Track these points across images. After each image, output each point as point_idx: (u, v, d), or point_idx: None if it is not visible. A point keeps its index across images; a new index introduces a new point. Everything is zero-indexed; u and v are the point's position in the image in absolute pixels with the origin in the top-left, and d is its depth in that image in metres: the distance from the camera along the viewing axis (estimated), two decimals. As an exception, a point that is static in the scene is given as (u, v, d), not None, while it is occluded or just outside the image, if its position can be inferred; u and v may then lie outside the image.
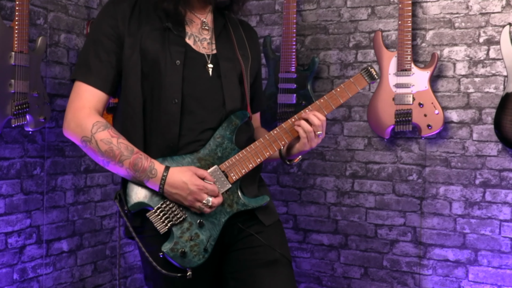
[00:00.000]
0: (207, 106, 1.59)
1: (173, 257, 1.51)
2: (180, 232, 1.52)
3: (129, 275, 3.32)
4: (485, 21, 2.89)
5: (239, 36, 1.74)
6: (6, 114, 2.39)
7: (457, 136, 2.96)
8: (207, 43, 1.66)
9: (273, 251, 1.66)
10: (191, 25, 1.66)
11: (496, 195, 2.87)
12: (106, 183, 3.15)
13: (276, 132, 1.61)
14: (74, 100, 1.57)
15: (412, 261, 3.07)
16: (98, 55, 1.57)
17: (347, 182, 3.24)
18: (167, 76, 1.56)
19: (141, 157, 1.51)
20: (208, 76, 1.61)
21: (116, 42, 1.58)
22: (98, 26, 1.61)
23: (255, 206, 1.61)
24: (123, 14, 1.59)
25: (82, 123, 1.53)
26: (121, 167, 1.51)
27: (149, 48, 1.57)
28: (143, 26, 1.60)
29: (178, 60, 1.57)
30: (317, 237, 3.32)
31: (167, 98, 1.56)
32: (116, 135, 1.53)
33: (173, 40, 1.60)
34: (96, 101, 1.57)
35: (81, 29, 2.95)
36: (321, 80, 3.29)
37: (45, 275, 2.80)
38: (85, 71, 1.58)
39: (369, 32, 3.18)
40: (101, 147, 1.51)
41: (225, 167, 1.57)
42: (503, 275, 2.85)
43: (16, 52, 2.39)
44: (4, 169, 2.59)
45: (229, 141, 1.59)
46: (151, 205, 1.53)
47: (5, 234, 2.60)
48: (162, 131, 1.56)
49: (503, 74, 2.85)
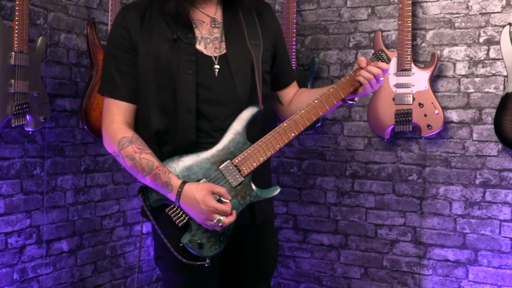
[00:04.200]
0: (221, 107, 1.64)
1: (192, 248, 1.61)
2: (197, 225, 1.61)
3: (129, 275, 3.32)
4: (485, 21, 2.89)
5: (251, 22, 1.73)
6: (6, 114, 2.38)
7: (457, 136, 2.96)
8: (218, 42, 1.68)
9: (267, 264, 1.84)
10: (201, 26, 1.68)
11: (496, 195, 2.87)
12: (106, 183, 3.15)
13: (285, 124, 1.64)
14: (105, 116, 1.69)
15: (412, 261, 3.07)
16: (119, 69, 1.66)
17: (347, 182, 3.24)
18: (181, 87, 1.62)
19: (159, 172, 1.59)
20: (219, 78, 1.65)
21: (132, 53, 1.65)
22: (112, 39, 1.70)
23: (267, 197, 1.67)
24: (134, 23, 1.66)
25: (111, 139, 1.65)
26: (145, 181, 1.62)
27: (162, 59, 1.63)
28: (154, 35, 1.65)
29: (190, 70, 1.62)
30: (317, 237, 3.32)
31: (182, 108, 1.62)
32: (139, 149, 1.62)
33: (184, 50, 1.64)
34: (123, 113, 1.67)
35: (81, 29, 2.95)
36: (321, 80, 3.29)
37: (45, 275, 2.80)
38: (110, 85, 1.68)
39: (369, 32, 3.18)
40: (127, 162, 1.63)
41: (237, 162, 1.63)
42: (503, 275, 2.85)
43: (16, 52, 2.39)
44: (4, 169, 2.59)
45: (241, 136, 1.64)
46: (170, 201, 1.62)
47: (5, 234, 2.60)
48: (179, 139, 1.64)
49: (503, 74, 2.85)
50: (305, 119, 1.65)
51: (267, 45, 1.75)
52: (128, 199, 3.29)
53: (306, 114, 1.65)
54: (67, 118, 2.89)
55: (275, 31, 1.81)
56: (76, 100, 2.92)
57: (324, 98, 1.66)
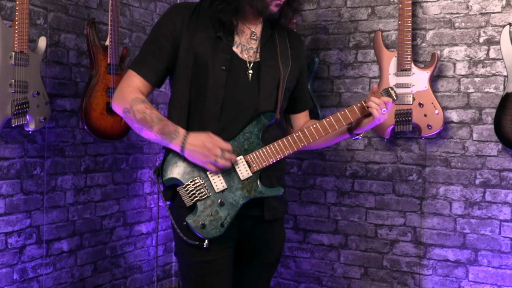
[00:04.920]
0: (244, 107, 1.81)
1: (194, 228, 1.76)
2: (203, 207, 1.77)
3: (129, 275, 3.32)
4: (485, 21, 2.89)
5: (284, 45, 1.93)
6: (6, 114, 2.38)
7: (457, 136, 2.96)
8: (253, 52, 1.87)
9: (273, 256, 1.97)
10: (241, 35, 1.87)
11: (496, 195, 2.87)
12: (106, 183, 3.15)
13: (298, 134, 1.81)
14: (123, 81, 1.87)
15: (412, 261, 3.07)
16: (152, 52, 1.84)
17: (347, 182, 3.24)
18: (213, 80, 1.80)
19: (168, 123, 1.78)
20: (248, 81, 1.83)
21: (171, 43, 1.82)
22: (158, 27, 1.86)
23: (270, 195, 1.81)
24: (182, 19, 1.83)
25: (125, 97, 1.82)
26: (151, 132, 1.78)
27: (201, 54, 1.80)
28: (198, 32, 1.83)
29: (224, 66, 1.80)
30: (317, 237, 3.32)
31: (210, 99, 1.80)
32: (150, 107, 1.80)
33: (222, 48, 1.82)
34: (141, 86, 1.84)
35: (81, 29, 2.95)
36: (321, 80, 3.29)
37: (45, 275, 2.80)
38: (139, 63, 1.86)
39: (369, 32, 3.18)
40: (137, 116, 1.78)
41: (249, 158, 1.79)
42: (503, 275, 2.85)
43: (16, 52, 2.39)
44: (4, 169, 2.59)
45: (255, 137, 1.81)
46: (181, 181, 1.78)
47: (5, 234, 2.60)
48: (202, 126, 1.79)
49: (503, 74, 2.85)
50: (315, 133, 1.81)
51: (295, 69, 1.94)
52: (128, 199, 3.29)
53: (317, 129, 1.81)
54: (67, 118, 2.89)
55: (303, 61, 2.02)
56: (76, 100, 2.92)
57: (335, 119, 1.82)
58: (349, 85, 3.24)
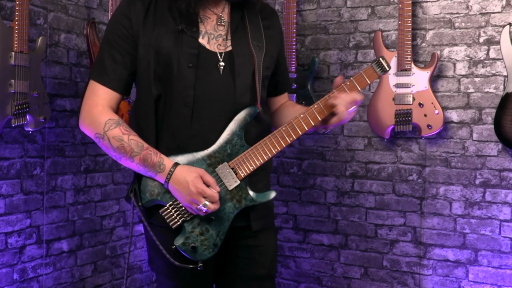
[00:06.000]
0: (219, 106, 1.61)
1: (185, 251, 1.58)
2: (191, 227, 1.58)
3: (129, 275, 3.32)
4: (485, 21, 2.89)
5: (255, 25, 1.71)
6: (6, 114, 2.38)
7: (457, 136, 2.96)
8: (222, 39, 1.66)
9: (263, 267, 1.73)
10: (206, 22, 1.66)
11: (496, 195, 2.87)
12: (106, 183, 3.15)
13: (284, 128, 1.62)
14: (89, 98, 1.64)
15: (412, 261, 3.07)
16: (112, 56, 1.63)
17: (347, 182, 3.24)
18: (179, 80, 1.59)
19: (150, 153, 1.57)
20: (219, 76, 1.62)
21: (130, 43, 1.62)
22: (112, 26, 1.66)
23: (262, 201, 1.63)
24: (137, 13, 1.63)
25: (95, 120, 1.60)
26: (132, 162, 1.58)
27: (162, 51, 1.60)
28: (157, 27, 1.62)
29: (191, 63, 1.60)
30: (317, 237, 3.32)
31: (179, 101, 1.59)
32: (127, 131, 1.59)
33: (186, 42, 1.61)
34: (109, 99, 1.63)
35: (81, 29, 2.95)
36: (321, 80, 3.29)
37: (45, 275, 2.80)
38: (101, 71, 1.64)
39: (369, 32, 3.18)
40: (113, 143, 1.58)
41: (234, 164, 1.60)
42: (503, 275, 2.85)
43: (16, 52, 2.39)
44: (4, 169, 2.59)
45: (238, 138, 1.61)
46: (164, 202, 1.59)
47: (5, 234, 2.60)
48: (173, 132, 1.61)
49: (503, 74, 2.85)
50: (304, 123, 1.62)
51: (272, 51, 1.73)
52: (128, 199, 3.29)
53: (305, 119, 1.62)
54: (67, 118, 2.89)
55: (280, 40, 1.81)
56: (76, 100, 2.92)
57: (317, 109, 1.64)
58: (349, 85, 3.23)
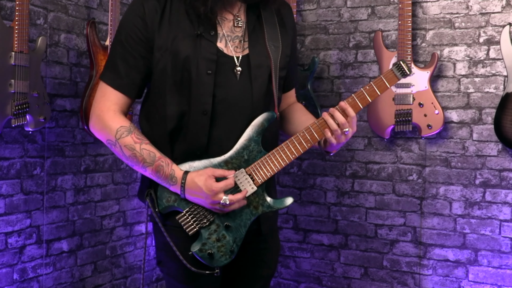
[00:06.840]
0: (236, 112, 1.58)
1: (201, 257, 1.56)
2: (208, 234, 1.57)
3: (129, 275, 3.32)
4: (485, 21, 2.89)
5: (272, 25, 1.66)
6: (6, 114, 2.38)
7: (457, 136, 2.96)
8: (239, 41, 1.62)
9: (269, 268, 1.77)
10: (223, 24, 1.61)
11: (496, 195, 2.87)
12: (106, 183, 3.15)
13: (302, 134, 1.59)
14: (100, 101, 1.60)
15: (412, 261, 3.07)
16: (125, 59, 1.57)
17: (347, 182, 3.24)
18: (198, 87, 1.55)
19: (162, 164, 1.53)
20: (236, 81, 1.58)
21: (144, 46, 1.56)
22: (125, 27, 1.59)
23: (280, 208, 1.64)
24: (152, 14, 1.56)
25: (107, 126, 1.56)
26: (145, 171, 1.56)
27: (180, 55, 1.54)
28: (174, 29, 1.56)
29: (210, 70, 1.55)
30: (317, 237, 3.32)
31: (197, 109, 1.55)
32: (139, 140, 1.55)
33: (205, 47, 1.56)
34: (121, 104, 1.60)
35: (81, 29, 2.94)
36: (321, 80, 3.29)
37: (45, 275, 2.80)
38: (113, 74, 1.59)
39: (369, 32, 3.18)
40: (125, 152, 1.55)
41: (251, 170, 1.57)
42: (503, 275, 2.85)
43: (16, 52, 2.39)
44: (4, 169, 2.59)
45: (255, 144, 1.58)
46: (180, 208, 1.57)
47: (5, 234, 2.60)
48: (190, 140, 1.57)
49: (503, 74, 2.85)
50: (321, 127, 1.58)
51: (286, 50, 1.69)
52: (128, 199, 3.29)
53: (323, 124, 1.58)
54: (67, 118, 2.89)
55: (293, 35, 1.76)
56: (76, 100, 2.92)
57: None
58: (349, 85, 3.24)
